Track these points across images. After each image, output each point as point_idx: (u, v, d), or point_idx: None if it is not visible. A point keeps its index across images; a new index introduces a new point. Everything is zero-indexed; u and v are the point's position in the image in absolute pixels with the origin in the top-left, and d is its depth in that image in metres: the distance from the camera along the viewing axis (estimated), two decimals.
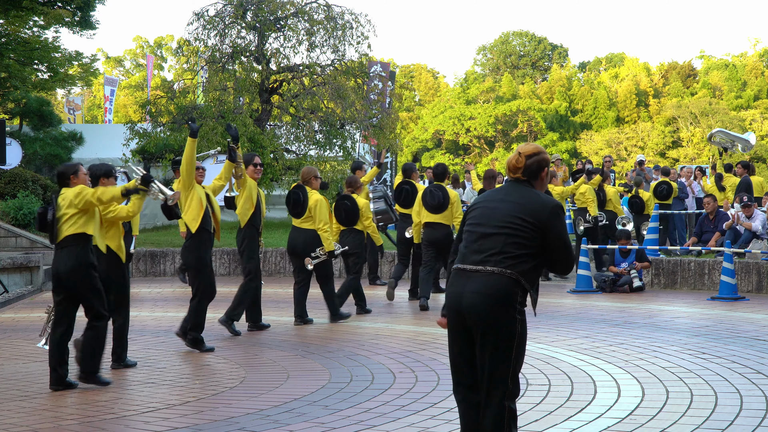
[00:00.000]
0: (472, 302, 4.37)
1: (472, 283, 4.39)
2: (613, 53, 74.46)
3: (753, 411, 6.03)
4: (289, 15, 21.02)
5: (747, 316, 10.83)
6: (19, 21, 22.57)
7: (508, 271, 4.36)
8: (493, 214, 4.49)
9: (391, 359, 8.11)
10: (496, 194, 4.60)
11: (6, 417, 6.19)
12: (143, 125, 21.95)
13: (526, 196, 4.48)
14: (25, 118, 23.43)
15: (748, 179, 17.99)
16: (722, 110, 55.36)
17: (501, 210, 4.47)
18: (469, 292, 4.38)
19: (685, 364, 7.70)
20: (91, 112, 60.35)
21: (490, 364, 4.35)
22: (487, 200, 4.59)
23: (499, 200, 4.53)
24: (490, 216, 4.49)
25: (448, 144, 60.62)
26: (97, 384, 7.16)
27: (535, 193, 4.52)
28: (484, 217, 4.52)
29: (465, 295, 4.40)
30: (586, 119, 61.32)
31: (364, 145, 24.56)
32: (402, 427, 5.78)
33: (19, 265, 14.99)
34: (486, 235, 4.45)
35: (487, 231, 4.46)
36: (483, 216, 4.52)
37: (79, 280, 7.12)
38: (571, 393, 6.65)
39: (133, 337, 9.77)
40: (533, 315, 4.87)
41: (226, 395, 6.80)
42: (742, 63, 66.29)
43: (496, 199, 4.55)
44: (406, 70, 73.47)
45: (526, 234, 4.40)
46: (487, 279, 4.36)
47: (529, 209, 4.43)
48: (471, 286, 4.39)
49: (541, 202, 4.46)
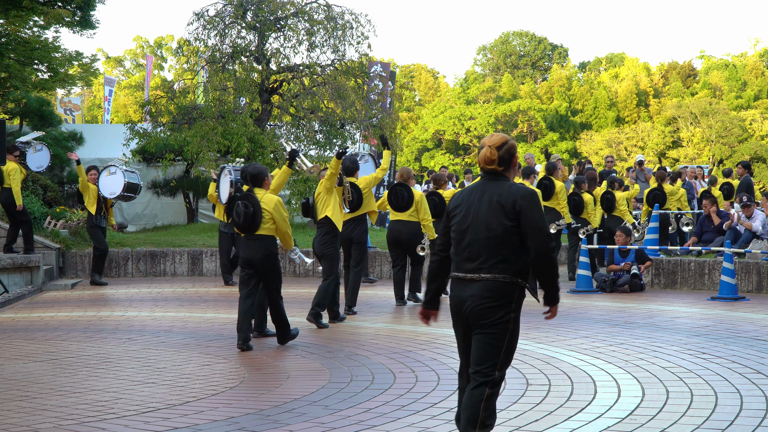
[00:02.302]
0: (472, 306, 4.68)
1: (470, 289, 4.70)
2: (613, 53, 74.47)
3: (753, 411, 6.03)
4: (289, 15, 21.02)
5: (747, 316, 10.83)
6: (19, 21, 22.57)
7: (502, 276, 4.65)
8: (476, 218, 4.73)
9: (391, 359, 8.11)
10: (474, 194, 4.80)
11: (6, 417, 6.19)
12: (143, 125, 21.95)
13: (501, 193, 4.70)
14: (25, 118, 23.42)
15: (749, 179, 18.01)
16: (722, 110, 55.33)
17: (483, 213, 4.71)
18: (468, 296, 4.70)
19: (685, 364, 7.70)
20: (91, 112, 60.35)
21: (481, 355, 4.69)
22: (467, 201, 4.80)
23: (478, 201, 4.75)
24: (474, 221, 4.73)
25: (448, 144, 60.62)
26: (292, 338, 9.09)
27: (508, 186, 4.74)
28: (467, 220, 4.76)
29: (465, 299, 4.71)
30: (586, 119, 61.31)
31: (364, 145, 24.56)
32: (402, 427, 5.78)
33: (19, 265, 14.99)
34: (474, 241, 4.71)
35: (475, 237, 4.71)
36: (466, 220, 4.76)
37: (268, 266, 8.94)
38: (571, 393, 6.65)
39: (133, 337, 9.79)
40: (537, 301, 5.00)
41: (226, 395, 6.80)
42: (742, 63, 66.28)
43: (475, 200, 4.76)
44: (406, 70, 73.47)
45: (510, 232, 4.66)
46: (484, 284, 4.67)
47: (507, 208, 4.66)
48: (470, 291, 4.70)
49: (512, 193, 4.68)
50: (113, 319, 11.38)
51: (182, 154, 20.36)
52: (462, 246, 4.75)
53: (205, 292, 14.13)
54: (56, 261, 16.04)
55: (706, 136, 54.63)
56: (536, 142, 59.45)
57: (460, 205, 4.82)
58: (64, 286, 14.98)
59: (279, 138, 19.98)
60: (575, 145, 57.85)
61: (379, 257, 16.16)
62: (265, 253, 8.87)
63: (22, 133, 22.96)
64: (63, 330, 10.42)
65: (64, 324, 10.94)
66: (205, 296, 13.66)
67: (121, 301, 13.28)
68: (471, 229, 4.72)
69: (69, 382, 7.37)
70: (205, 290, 14.41)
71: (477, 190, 4.80)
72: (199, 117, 20.01)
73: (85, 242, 16.87)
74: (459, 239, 4.77)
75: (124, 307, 12.47)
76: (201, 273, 16.68)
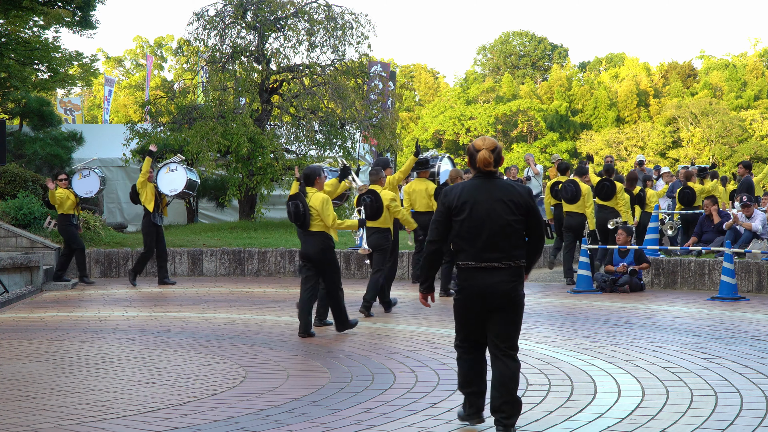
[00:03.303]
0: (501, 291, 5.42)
1: (497, 276, 5.43)
2: (613, 53, 74.48)
3: (753, 411, 6.03)
4: (289, 15, 21.02)
5: (747, 316, 10.83)
6: (19, 21, 22.57)
7: (521, 262, 5.49)
8: (490, 214, 5.42)
9: (391, 359, 8.11)
10: (480, 192, 5.47)
11: (6, 417, 6.19)
12: (143, 125, 21.95)
13: (506, 191, 5.48)
14: (25, 118, 23.42)
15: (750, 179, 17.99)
16: (722, 110, 55.34)
17: (497, 211, 5.42)
18: (497, 282, 5.42)
19: (685, 364, 7.70)
20: (91, 112, 60.34)
21: (508, 331, 5.48)
22: (474, 198, 5.45)
23: (487, 199, 5.44)
24: (490, 216, 5.42)
25: (448, 144, 60.60)
26: (351, 327, 9.74)
27: (510, 185, 5.56)
28: (481, 216, 5.43)
29: (493, 285, 5.43)
30: (586, 119, 61.31)
31: (364, 145, 24.55)
32: (402, 427, 5.78)
33: (19, 265, 14.99)
34: (494, 234, 5.42)
35: (494, 230, 5.42)
36: (480, 215, 5.43)
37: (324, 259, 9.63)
38: (571, 393, 6.65)
39: (133, 337, 9.79)
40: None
41: (226, 395, 6.80)
42: (742, 63, 66.29)
43: (484, 198, 5.45)
44: (406, 70, 73.47)
45: (522, 226, 5.49)
46: (509, 272, 5.45)
47: (516, 203, 5.46)
48: (497, 277, 5.43)
49: (518, 192, 5.51)
50: (113, 319, 11.38)
51: (182, 154, 20.34)
52: (483, 238, 5.43)
53: (205, 292, 14.13)
54: (56, 261, 16.04)
55: (706, 136, 54.63)
56: (536, 142, 59.46)
57: (467, 202, 5.44)
58: (64, 286, 14.98)
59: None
60: (575, 145, 57.84)
61: None
62: (320, 247, 9.60)
63: (22, 133, 22.98)
64: (63, 330, 10.42)
65: (64, 324, 10.94)
66: (205, 296, 13.66)
67: (121, 301, 13.28)
68: (488, 224, 5.41)
69: (69, 382, 7.38)
70: (205, 290, 14.41)
71: (481, 189, 5.46)
72: (199, 117, 20.01)
73: (85, 242, 16.89)
74: (475, 233, 5.43)
75: (124, 307, 12.47)
76: (201, 273, 16.69)
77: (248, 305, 12.42)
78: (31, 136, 22.75)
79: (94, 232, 17.32)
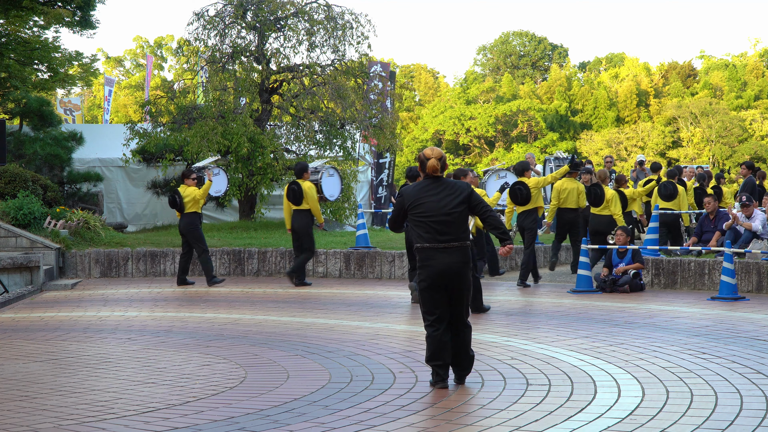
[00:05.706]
0: (456, 270, 6.72)
1: (451, 255, 6.71)
2: (613, 53, 74.50)
3: (753, 411, 6.03)
4: (289, 15, 21.02)
5: (747, 316, 10.83)
6: (19, 21, 22.57)
7: (467, 242, 6.80)
8: (441, 207, 6.72)
9: (391, 359, 8.11)
10: (430, 191, 6.77)
11: (6, 417, 6.19)
12: (143, 125, 21.95)
13: (449, 188, 6.78)
14: (25, 118, 23.42)
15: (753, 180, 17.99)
16: (722, 110, 55.35)
17: (445, 203, 6.72)
18: (453, 262, 6.71)
19: (685, 364, 7.70)
20: (91, 112, 60.34)
21: (464, 305, 6.89)
22: (426, 197, 6.74)
23: (437, 194, 6.74)
24: (441, 209, 6.72)
25: (449, 144, 60.61)
26: None
27: (452, 182, 6.84)
28: (434, 209, 6.72)
29: (450, 264, 6.71)
30: (586, 119, 61.31)
31: (364, 145, 24.55)
32: (402, 427, 5.78)
33: (19, 265, 14.99)
34: (443, 222, 6.71)
35: (444, 219, 6.71)
36: (433, 209, 6.72)
37: None
38: (571, 393, 6.65)
39: (133, 337, 9.79)
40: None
41: (226, 395, 6.80)
42: (742, 63, 66.30)
43: (433, 195, 6.74)
44: (406, 70, 73.46)
45: (466, 213, 6.81)
46: (459, 251, 6.75)
47: (458, 196, 6.76)
48: (452, 257, 6.71)
49: (459, 186, 6.82)
50: (113, 319, 11.38)
51: (182, 154, 20.36)
52: (435, 225, 6.70)
53: (205, 292, 14.13)
54: (56, 261, 16.04)
55: (706, 136, 54.64)
56: (536, 142, 59.45)
57: (421, 198, 6.75)
58: (64, 286, 14.98)
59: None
60: (575, 145, 57.84)
61: (380, 257, 16.16)
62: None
63: (22, 133, 22.98)
64: (63, 330, 10.42)
65: (64, 324, 10.94)
66: (205, 296, 13.66)
67: (121, 301, 13.28)
68: (441, 213, 6.70)
69: (69, 382, 7.37)
70: (204, 290, 14.41)
71: (430, 188, 6.77)
72: (199, 117, 20.01)
73: (85, 242, 16.89)
74: (430, 221, 6.70)
75: (124, 307, 12.47)
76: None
77: (248, 305, 12.42)
78: (31, 136, 22.74)
79: (94, 232, 17.32)
